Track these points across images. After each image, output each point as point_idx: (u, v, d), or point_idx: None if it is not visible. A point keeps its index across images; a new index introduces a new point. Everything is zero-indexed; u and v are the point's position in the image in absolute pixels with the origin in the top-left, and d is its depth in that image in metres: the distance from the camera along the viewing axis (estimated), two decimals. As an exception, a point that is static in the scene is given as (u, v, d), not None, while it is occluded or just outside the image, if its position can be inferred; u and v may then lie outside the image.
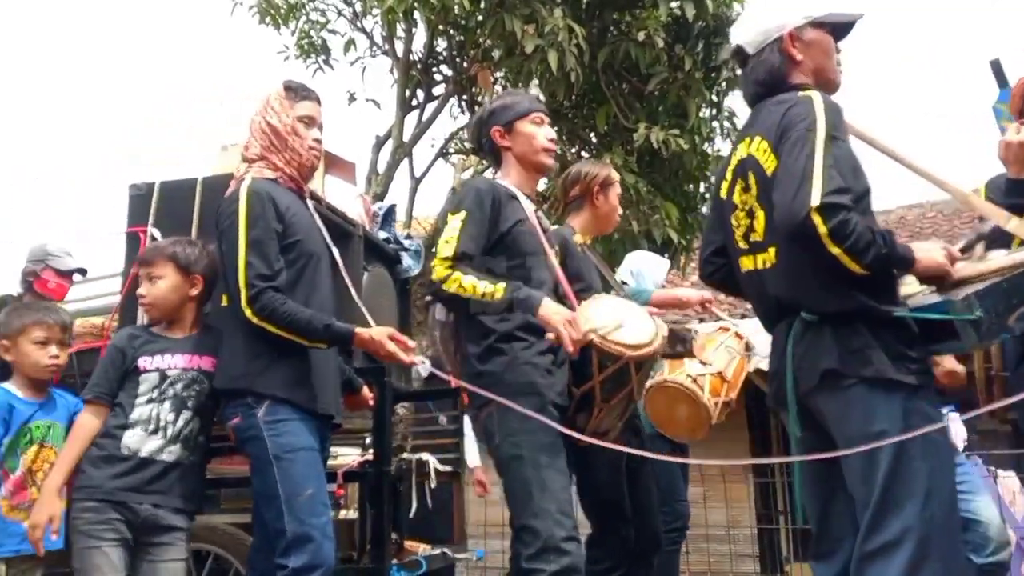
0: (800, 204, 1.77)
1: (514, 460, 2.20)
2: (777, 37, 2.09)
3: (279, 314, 2.18)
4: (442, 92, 7.78)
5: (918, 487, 1.78)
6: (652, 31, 6.04)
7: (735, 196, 2.11)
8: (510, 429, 2.20)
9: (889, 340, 1.85)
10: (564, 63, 5.84)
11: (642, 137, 6.14)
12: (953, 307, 1.78)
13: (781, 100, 2.00)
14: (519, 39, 5.86)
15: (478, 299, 2.19)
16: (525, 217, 2.41)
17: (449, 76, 7.59)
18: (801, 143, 1.84)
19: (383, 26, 7.62)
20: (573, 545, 2.13)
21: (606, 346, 2.23)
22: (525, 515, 2.16)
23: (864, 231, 1.77)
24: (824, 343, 1.89)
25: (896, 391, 1.82)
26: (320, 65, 8.19)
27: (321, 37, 8.11)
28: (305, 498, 2.14)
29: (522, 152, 2.51)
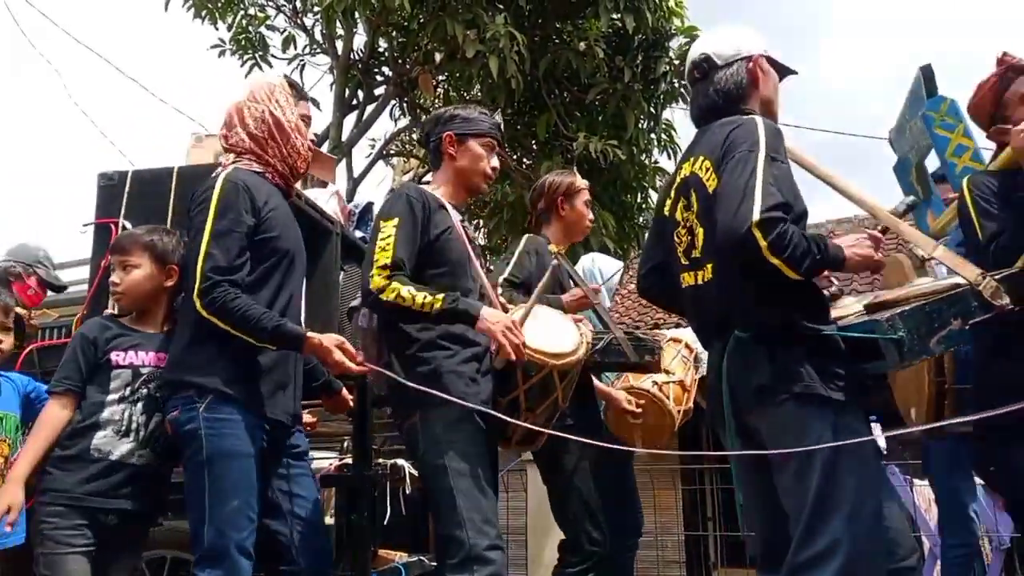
0: (741, 220, 1.80)
1: (438, 469, 2.16)
2: (748, 55, 2.14)
3: (228, 309, 2.09)
4: (383, 93, 7.71)
5: (846, 501, 1.81)
6: (593, 41, 6.10)
7: (678, 213, 2.14)
8: (435, 439, 2.18)
9: (819, 358, 1.88)
10: (505, 70, 5.84)
11: (581, 146, 6.19)
12: (878, 327, 1.83)
13: (725, 122, 2.04)
14: (461, 44, 5.84)
15: (416, 310, 2.15)
16: (453, 226, 2.38)
17: (390, 77, 7.53)
18: (743, 163, 1.88)
19: (323, 24, 7.52)
20: (496, 554, 2.11)
21: (529, 356, 2.21)
22: (449, 524, 2.13)
23: (800, 240, 1.81)
24: (757, 360, 1.93)
25: (826, 407, 1.86)
26: (257, 61, 8.03)
27: (259, 33, 7.95)
28: (230, 510, 2.06)
29: (463, 168, 2.48)
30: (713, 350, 2.09)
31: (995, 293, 1.81)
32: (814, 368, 1.86)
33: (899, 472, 5.43)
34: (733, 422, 2.01)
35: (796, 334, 1.89)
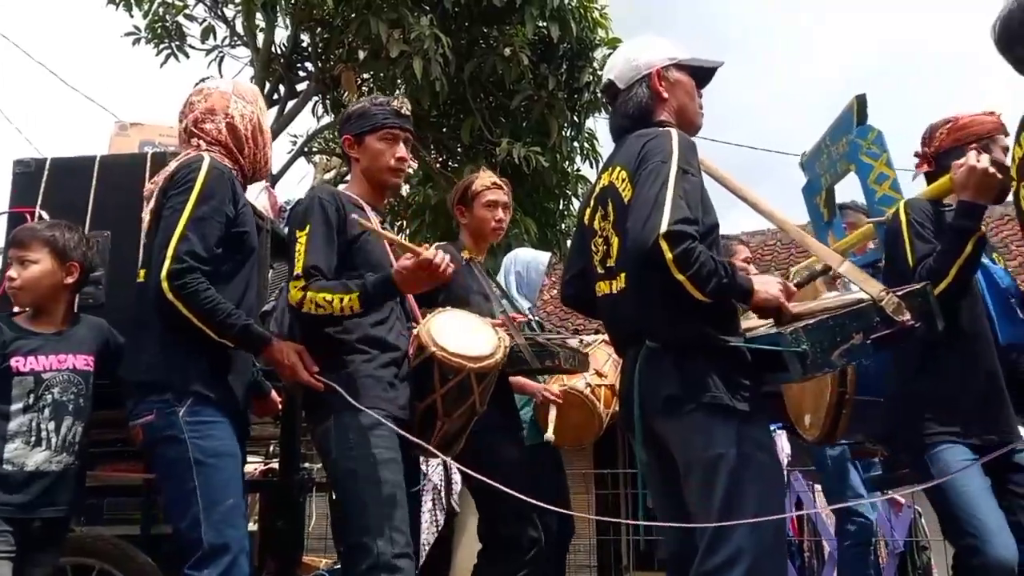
0: (650, 230, 1.82)
1: (349, 475, 2.13)
2: (646, 73, 2.16)
3: (199, 297, 2.01)
4: (305, 89, 7.57)
5: (749, 511, 1.85)
6: (518, 48, 6.12)
7: (595, 223, 2.16)
8: (347, 444, 2.14)
9: (726, 369, 1.92)
10: (429, 72, 5.81)
11: (504, 152, 6.20)
12: (783, 340, 1.87)
13: (642, 134, 2.06)
14: (385, 43, 5.78)
15: (339, 314, 2.13)
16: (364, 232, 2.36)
17: (312, 73, 7.40)
18: (655, 174, 1.91)
19: (243, 16, 7.33)
20: (405, 562, 2.09)
21: (447, 359, 2.21)
22: (357, 532, 2.10)
23: (707, 260, 1.83)
24: (666, 370, 1.95)
25: (731, 417, 1.89)
26: (173, 51, 7.76)
27: (176, 22, 7.69)
28: (225, 508, 2.00)
29: (366, 167, 2.45)
30: (627, 358, 2.11)
31: (897, 309, 1.87)
32: (721, 379, 1.90)
33: (802, 478, 5.62)
34: (642, 429, 2.03)
35: (705, 345, 1.92)
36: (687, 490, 1.94)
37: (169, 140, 3.10)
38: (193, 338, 2.05)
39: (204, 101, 2.29)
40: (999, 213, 10.78)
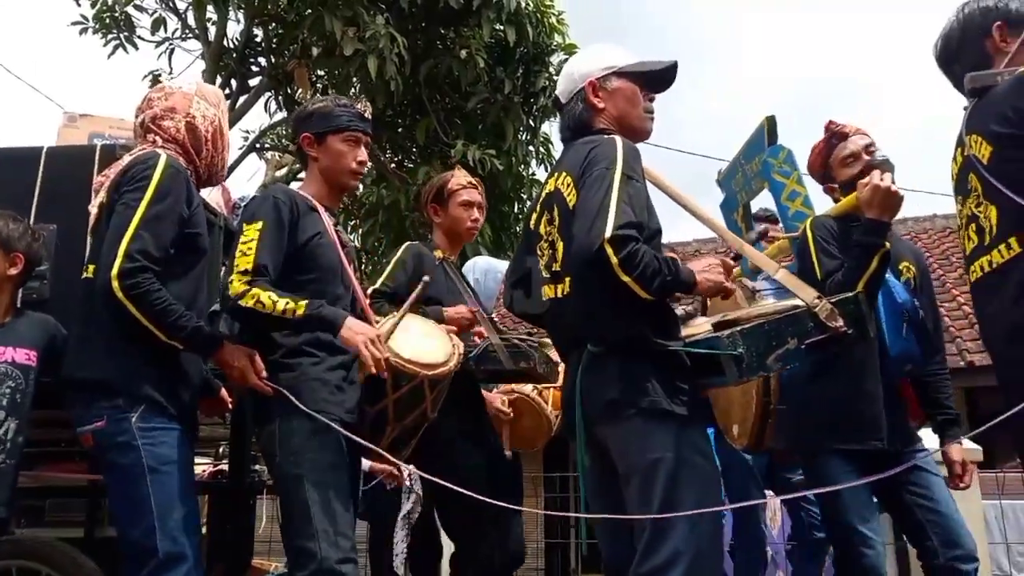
0: (595, 235, 1.84)
1: (294, 479, 2.10)
2: (581, 86, 2.18)
3: (150, 298, 1.96)
4: (257, 84, 7.46)
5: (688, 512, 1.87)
6: (474, 50, 6.12)
7: (542, 227, 2.17)
8: (292, 448, 2.11)
9: (665, 373, 1.94)
10: (384, 71, 5.77)
11: (459, 153, 6.19)
12: (719, 344, 1.91)
13: (587, 140, 2.08)
14: (339, 41, 5.73)
15: (277, 315, 2.07)
16: (324, 231, 2.32)
17: (265, 68, 7.29)
18: (600, 180, 1.93)
19: (195, 8, 7.20)
20: (349, 567, 2.08)
21: (401, 366, 2.18)
22: (301, 536, 2.07)
23: (651, 260, 1.86)
24: (608, 374, 1.97)
25: (669, 421, 1.92)
26: (122, 42, 7.59)
27: (125, 12, 7.51)
28: (180, 516, 1.97)
29: (326, 168, 2.41)
30: (569, 363, 2.13)
31: (830, 315, 1.92)
32: (660, 383, 1.92)
33: (747, 482, 5.72)
34: (584, 434, 2.05)
35: (645, 350, 1.94)
36: (627, 493, 1.96)
37: (120, 133, 3.02)
38: (144, 341, 2.00)
39: (165, 99, 2.26)
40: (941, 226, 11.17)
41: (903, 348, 2.40)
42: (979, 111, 1.84)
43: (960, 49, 1.97)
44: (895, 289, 2.41)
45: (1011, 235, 1.74)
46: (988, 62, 1.91)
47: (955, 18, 2.00)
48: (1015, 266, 1.73)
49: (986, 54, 1.92)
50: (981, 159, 1.78)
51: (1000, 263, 1.77)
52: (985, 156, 1.77)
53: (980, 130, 1.81)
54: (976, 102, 1.88)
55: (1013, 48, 1.88)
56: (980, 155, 1.79)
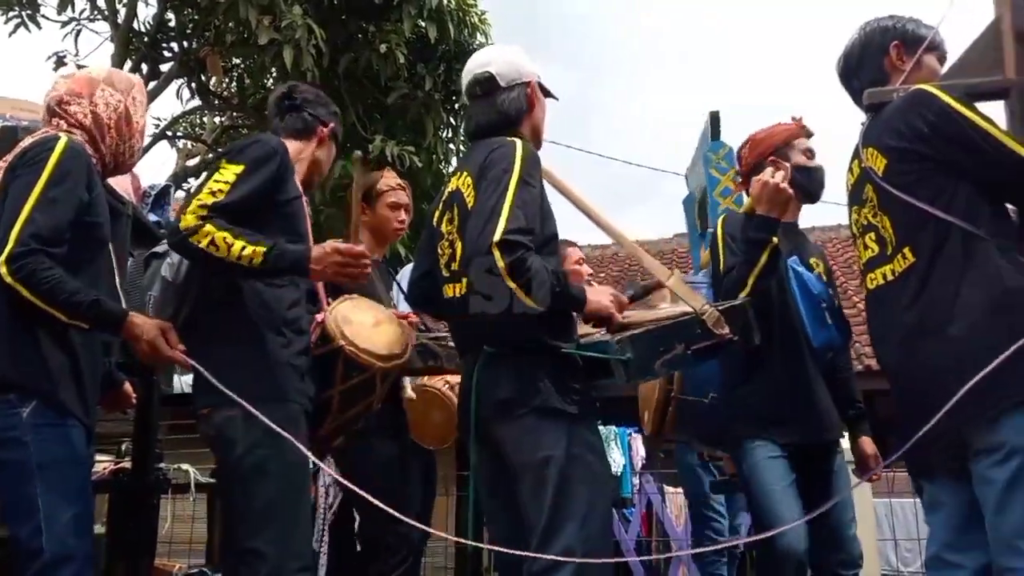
0: (485, 238, 1.86)
1: (258, 474, 1.97)
2: (527, 81, 2.20)
3: (40, 278, 1.85)
4: (168, 70, 7.21)
5: (578, 510, 1.89)
6: (395, 45, 6.06)
7: (443, 225, 2.18)
8: (257, 439, 1.96)
9: (558, 373, 1.98)
10: (301, 62, 5.66)
11: (378, 149, 6.12)
12: (610, 348, 1.96)
13: (490, 142, 2.10)
14: (254, 29, 5.59)
15: (232, 260, 1.92)
16: (302, 196, 2.25)
17: (177, 55, 7.05)
18: (496, 183, 1.95)
19: (104, -12, 6.91)
20: None
21: (356, 355, 2.14)
22: (257, 536, 1.96)
23: (540, 270, 1.89)
24: (502, 374, 2.00)
25: (561, 419, 1.96)
26: (24, 20, 7.21)
27: (28, -12, 7.16)
28: (70, 517, 1.86)
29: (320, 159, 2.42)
30: (467, 362, 2.14)
31: (717, 323, 1.98)
32: (553, 383, 1.96)
33: (653, 480, 5.84)
34: (477, 432, 2.06)
35: (539, 350, 1.98)
36: (520, 491, 1.98)
37: (23, 115, 2.90)
38: (42, 331, 1.91)
39: (71, 83, 2.17)
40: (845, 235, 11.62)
41: (826, 337, 2.47)
42: (875, 125, 1.92)
43: (860, 65, 2.05)
44: (810, 281, 2.48)
45: (905, 245, 1.82)
46: (885, 79, 2.00)
47: (856, 36, 2.09)
48: (909, 275, 1.81)
49: (884, 71, 2.01)
50: (876, 170, 1.85)
51: (899, 271, 1.84)
52: (880, 168, 1.85)
53: (876, 143, 1.88)
54: (873, 117, 1.96)
55: (908, 67, 1.98)
56: (876, 167, 1.86)
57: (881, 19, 2.07)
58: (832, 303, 2.52)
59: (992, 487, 1.65)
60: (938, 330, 1.74)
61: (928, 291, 1.76)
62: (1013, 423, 1.63)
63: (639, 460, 6.30)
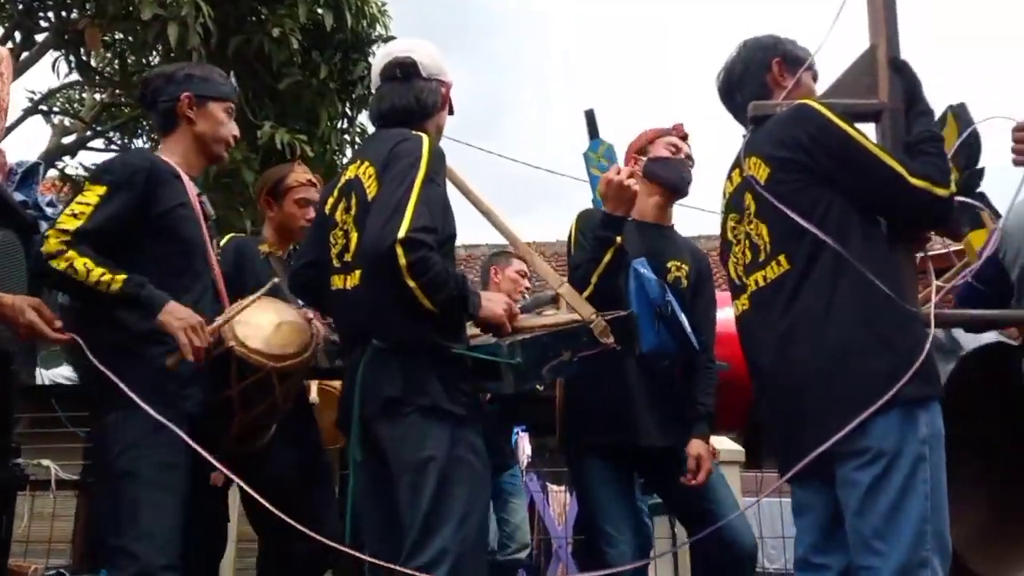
0: (388, 233, 1.82)
1: (127, 476, 1.98)
2: (445, 80, 2.21)
3: None
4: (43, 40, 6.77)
5: (456, 511, 1.89)
6: (289, 30, 5.89)
7: (337, 214, 2.12)
8: (129, 443, 1.99)
9: (446, 373, 1.97)
10: (187, 40, 5.42)
11: (267, 135, 5.94)
12: (500, 352, 1.98)
13: (396, 133, 2.07)
14: (137, 2, 5.32)
15: (90, 285, 1.93)
16: (187, 201, 2.19)
17: (54, 24, 6.63)
18: (402, 177, 1.92)
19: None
20: (171, 574, 1.98)
21: (247, 356, 2.11)
22: (125, 536, 1.96)
23: (441, 272, 1.87)
24: (390, 371, 1.96)
25: (446, 420, 1.94)
26: None
27: None
28: None
29: (203, 132, 2.30)
30: (351, 356, 2.09)
31: (603, 331, 2.02)
32: (441, 383, 1.95)
33: (536, 478, 5.90)
34: (359, 430, 2.03)
35: (428, 350, 1.96)
36: (398, 491, 1.95)
37: None
38: None
39: None
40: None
41: (655, 344, 2.44)
42: (758, 136, 2.00)
43: (742, 80, 2.13)
44: (648, 286, 2.47)
45: (780, 252, 1.88)
46: (768, 94, 2.09)
47: (736, 53, 2.17)
48: (784, 281, 1.87)
49: (766, 86, 2.10)
50: (759, 179, 1.92)
51: (772, 278, 1.89)
52: (763, 177, 1.92)
53: (759, 153, 1.95)
54: (755, 128, 2.04)
55: (789, 84, 2.07)
56: (758, 176, 1.93)
57: (761, 38, 2.16)
58: (667, 310, 2.45)
59: (855, 489, 1.73)
60: (810, 337, 1.81)
61: (802, 299, 1.83)
62: (877, 428, 1.71)
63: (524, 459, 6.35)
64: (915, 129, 1.94)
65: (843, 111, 1.89)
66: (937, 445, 1.74)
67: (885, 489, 1.69)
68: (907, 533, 1.67)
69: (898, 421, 1.71)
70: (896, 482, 1.69)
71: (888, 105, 1.99)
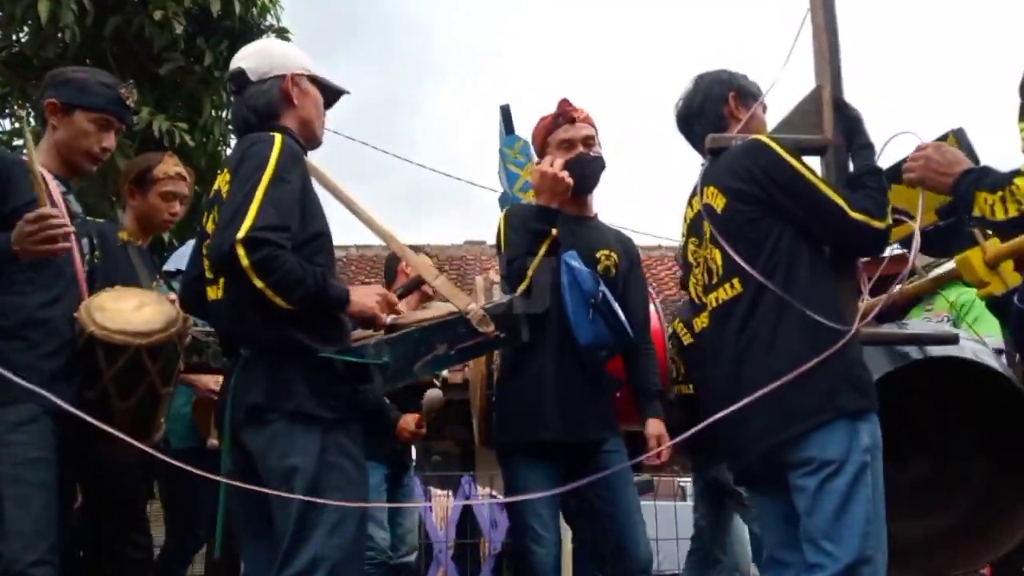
0: (228, 236, 1.79)
1: None
2: (281, 74, 2.12)
3: None
4: None
5: (329, 517, 1.85)
6: (172, 14, 5.64)
7: (208, 225, 2.10)
8: None
9: (314, 377, 1.93)
10: (59, 17, 5.12)
11: (144, 122, 5.65)
12: (367, 352, 1.94)
13: (249, 137, 2.02)
14: (4, -26, 4.97)
15: None
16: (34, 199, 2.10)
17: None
18: (245, 179, 1.89)
19: None
20: (44, 570, 1.96)
21: (109, 337, 2.07)
22: None
23: (293, 269, 1.82)
24: (255, 378, 1.93)
25: (315, 425, 1.91)
26: None
27: None
28: None
29: (63, 142, 2.29)
30: (231, 365, 2.07)
31: (482, 321, 2.02)
32: (309, 387, 1.91)
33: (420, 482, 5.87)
34: (229, 439, 1.99)
35: (293, 354, 1.93)
36: (270, 499, 1.90)
37: None
38: None
39: None
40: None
41: (592, 336, 2.47)
42: (716, 167, 2.13)
43: (701, 112, 2.26)
44: (580, 278, 2.51)
45: (734, 276, 2.02)
46: (725, 125, 2.22)
47: (694, 86, 2.30)
48: (738, 303, 2.01)
49: (723, 118, 2.24)
50: (715, 208, 2.06)
51: (725, 299, 2.05)
52: (720, 206, 2.06)
53: (716, 183, 2.09)
54: (713, 159, 2.16)
55: (744, 117, 2.21)
56: (715, 204, 2.07)
57: (716, 72, 2.30)
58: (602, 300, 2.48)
59: (804, 494, 1.88)
60: (761, 356, 1.95)
61: (754, 320, 1.98)
62: (817, 441, 1.87)
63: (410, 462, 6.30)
64: (857, 163, 2.11)
65: (792, 146, 2.05)
66: (877, 454, 1.89)
67: (830, 494, 1.84)
68: (853, 534, 1.82)
69: (840, 433, 1.87)
70: (841, 487, 1.84)
71: (832, 141, 2.16)
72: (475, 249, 13.53)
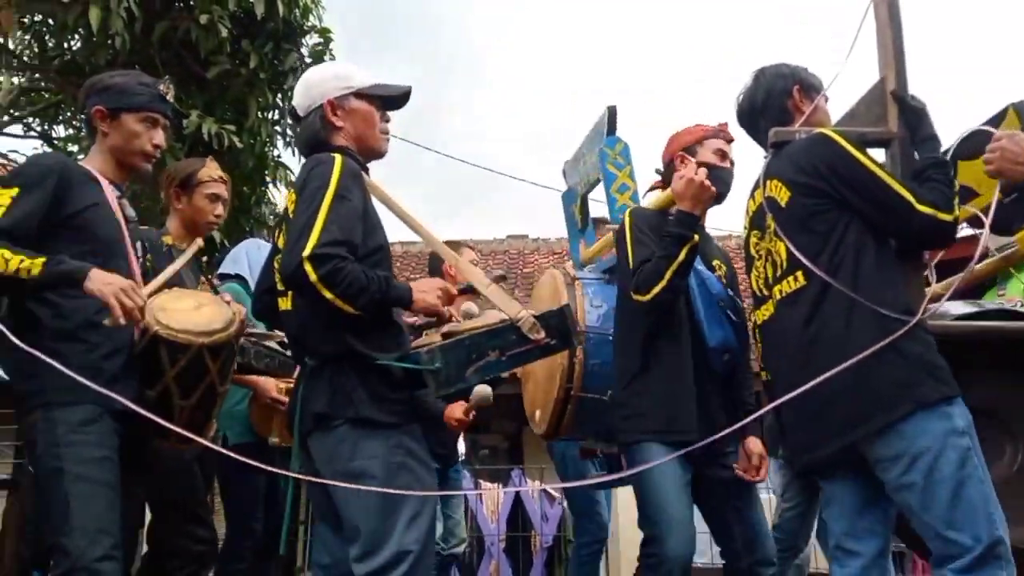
0: (296, 254, 1.92)
1: (55, 474, 2.04)
2: (320, 104, 2.22)
3: None
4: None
5: (406, 512, 1.98)
6: (217, 17, 5.72)
7: (279, 241, 2.23)
8: (54, 439, 2.05)
9: (374, 384, 2.04)
10: (110, 24, 5.22)
11: (193, 125, 5.75)
12: (420, 359, 2.02)
13: (312, 159, 2.14)
14: (56, -17, 5.09)
15: (10, 275, 1.98)
16: (101, 202, 2.26)
17: (-37, 3, 6.29)
18: (310, 200, 2.00)
19: None
20: (108, 565, 2.02)
21: (173, 336, 2.15)
22: (58, 533, 2.03)
23: (357, 277, 1.94)
24: (320, 386, 2.05)
25: (378, 429, 2.02)
26: None
27: None
28: None
29: (116, 146, 2.35)
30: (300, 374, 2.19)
31: (532, 328, 2.07)
32: (368, 394, 2.02)
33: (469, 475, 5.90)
34: (299, 443, 2.14)
35: (352, 362, 2.04)
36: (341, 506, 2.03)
37: None
38: None
39: None
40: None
41: (722, 338, 2.54)
42: (779, 160, 2.13)
43: (765, 107, 2.28)
44: (709, 281, 2.57)
45: (797, 269, 2.02)
46: (789, 119, 2.25)
47: (756, 81, 2.31)
48: (802, 295, 2.02)
49: (788, 111, 2.26)
50: (779, 200, 2.08)
51: (789, 292, 2.06)
52: (783, 199, 2.07)
53: (780, 176, 2.09)
54: (776, 152, 2.16)
55: (808, 110, 2.22)
56: (779, 197, 2.08)
57: (777, 66, 2.31)
58: (732, 304, 2.58)
59: (912, 491, 1.86)
60: (831, 347, 1.93)
61: (823, 311, 1.96)
62: (904, 433, 1.86)
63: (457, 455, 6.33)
64: (922, 155, 2.09)
65: (856, 139, 2.05)
66: (974, 435, 1.88)
67: (940, 483, 1.82)
68: (977, 517, 1.80)
69: (926, 423, 1.85)
70: (949, 475, 1.81)
71: (897, 134, 2.15)
72: (518, 243, 13.62)
